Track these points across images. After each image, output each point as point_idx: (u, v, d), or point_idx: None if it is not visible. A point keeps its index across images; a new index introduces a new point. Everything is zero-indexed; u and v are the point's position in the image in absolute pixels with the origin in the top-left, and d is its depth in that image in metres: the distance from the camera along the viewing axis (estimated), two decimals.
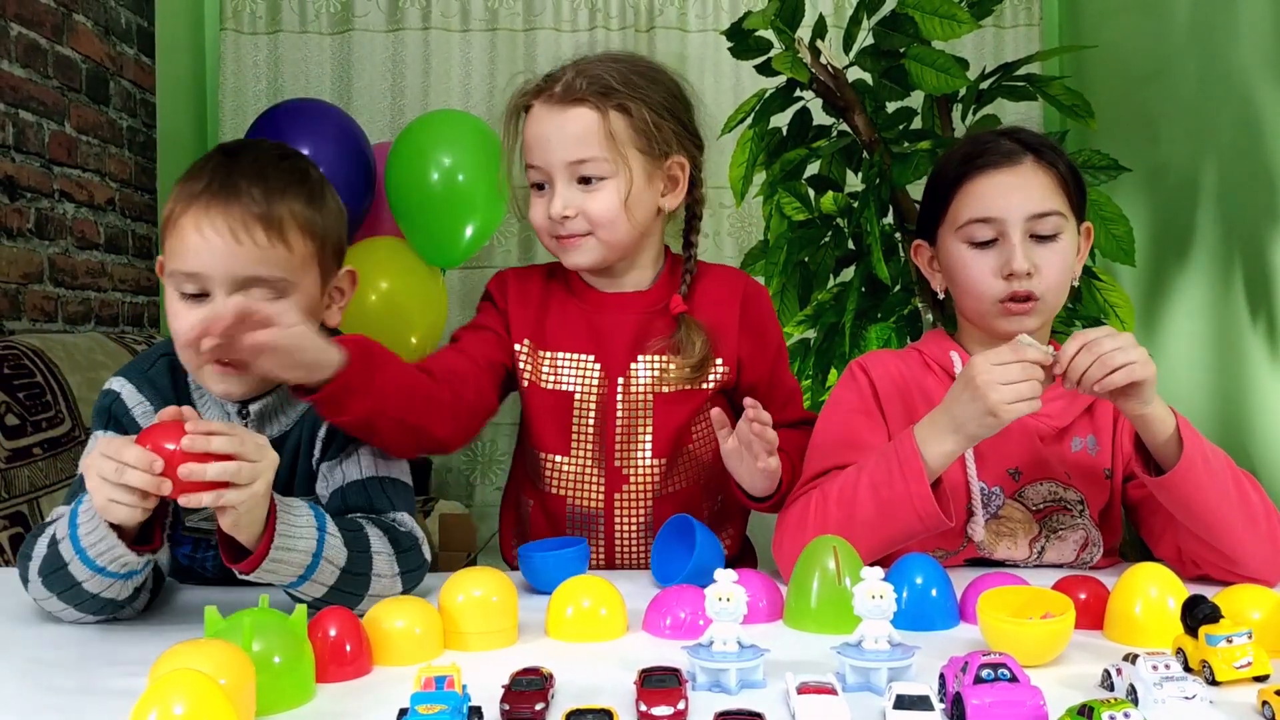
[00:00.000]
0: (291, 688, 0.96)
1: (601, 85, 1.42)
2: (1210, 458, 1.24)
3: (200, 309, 1.23)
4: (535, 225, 1.48)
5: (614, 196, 1.42)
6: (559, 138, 1.42)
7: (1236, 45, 2.33)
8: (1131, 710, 0.82)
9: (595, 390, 1.50)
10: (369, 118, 3.17)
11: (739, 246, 3.25)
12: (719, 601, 0.99)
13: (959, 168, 1.38)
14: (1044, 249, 1.34)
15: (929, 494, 1.23)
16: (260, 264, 1.24)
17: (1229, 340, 2.37)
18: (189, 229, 1.23)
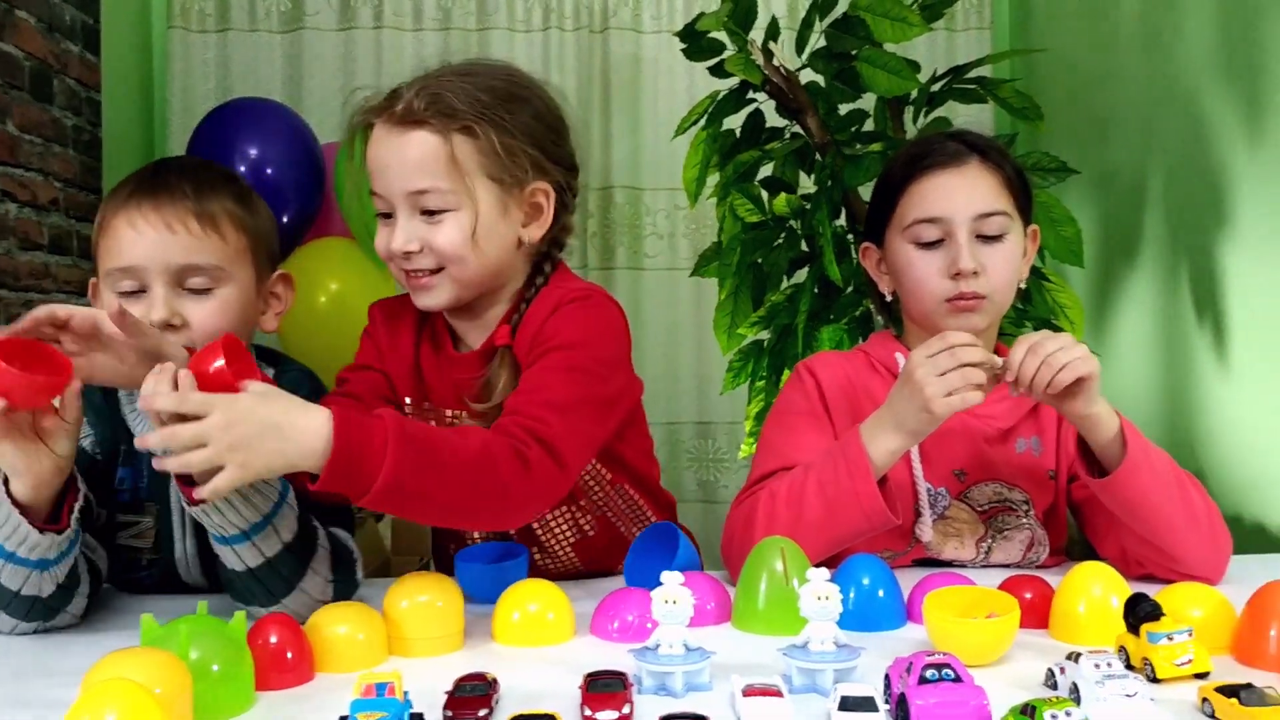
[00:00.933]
0: (230, 696, 0.94)
1: (444, 106, 1.26)
2: (1153, 459, 1.26)
3: (140, 304, 1.24)
4: (382, 257, 1.33)
5: (459, 229, 1.27)
6: (398, 164, 1.26)
7: (1183, 50, 2.36)
8: (1073, 709, 0.82)
9: None
10: (320, 117, 3.12)
11: (693, 248, 3.25)
12: (665, 604, 0.98)
13: (905, 169, 1.39)
14: (990, 249, 1.35)
15: (876, 492, 1.24)
16: (196, 252, 1.25)
17: (1176, 341, 2.41)
18: (121, 226, 1.24)
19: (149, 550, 1.33)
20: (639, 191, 3.29)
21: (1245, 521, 2.14)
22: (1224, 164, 2.20)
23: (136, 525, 1.32)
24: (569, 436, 1.20)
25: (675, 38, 2.43)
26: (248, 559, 1.14)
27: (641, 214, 3.30)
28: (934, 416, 1.22)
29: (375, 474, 1.06)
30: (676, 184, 2.62)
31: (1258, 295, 2.13)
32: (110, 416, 1.33)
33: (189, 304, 1.26)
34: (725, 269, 2.32)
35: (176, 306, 1.25)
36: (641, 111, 3.28)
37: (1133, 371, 2.58)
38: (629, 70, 3.28)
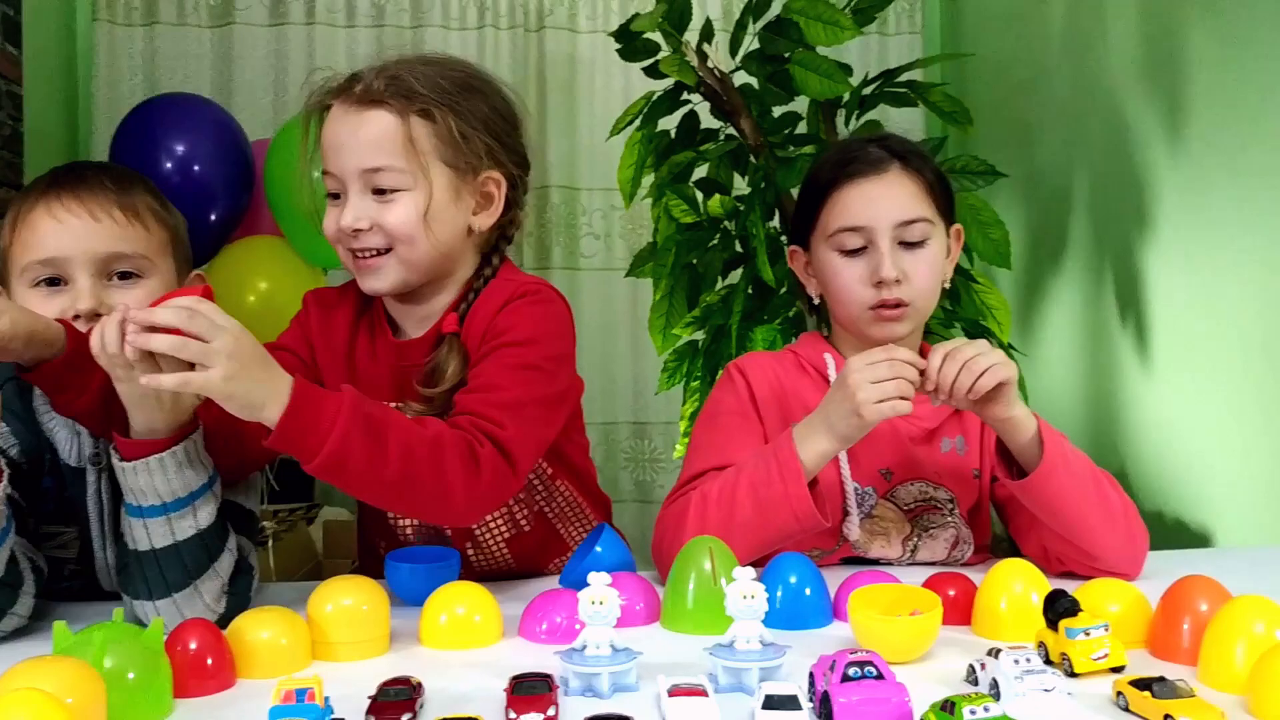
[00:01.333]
0: (146, 704, 0.92)
1: (404, 88, 1.27)
2: (1071, 459, 1.28)
3: (60, 297, 1.22)
4: (329, 238, 1.32)
5: (411, 209, 1.27)
6: (353, 143, 1.26)
7: (1107, 57, 2.42)
8: (991, 704, 0.83)
9: None
10: (249, 114, 3.08)
11: (629, 248, 3.25)
12: (592, 605, 0.98)
13: (829, 175, 1.40)
14: (912, 255, 1.37)
15: (806, 494, 1.25)
16: (121, 241, 1.23)
17: (1100, 341, 2.46)
18: (42, 217, 1.21)
19: (72, 561, 1.29)
20: (575, 191, 3.29)
21: (1166, 517, 2.19)
22: (1146, 168, 2.26)
23: (60, 535, 1.28)
24: (522, 439, 1.21)
25: (611, 38, 2.43)
26: (155, 537, 1.11)
27: (578, 214, 3.29)
28: (864, 422, 1.24)
29: (323, 442, 1.08)
30: (613, 184, 2.62)
31: (1178, 297, 2.18)
32: (32, 425, 1.29)
33: (115, 295, 1.23)
34: (660, 269, 2.33)
35: (103, 297, 1.22)
36: (578, 111, 3.28)
37: (1058, 371, 2.63)
38: (565, 69, 3.28)
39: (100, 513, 1.27)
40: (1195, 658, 1.00)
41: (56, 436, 1.27)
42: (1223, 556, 1.70)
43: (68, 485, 1.27)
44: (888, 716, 0.86)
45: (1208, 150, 2.07)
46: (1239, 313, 1.98)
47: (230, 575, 1.17)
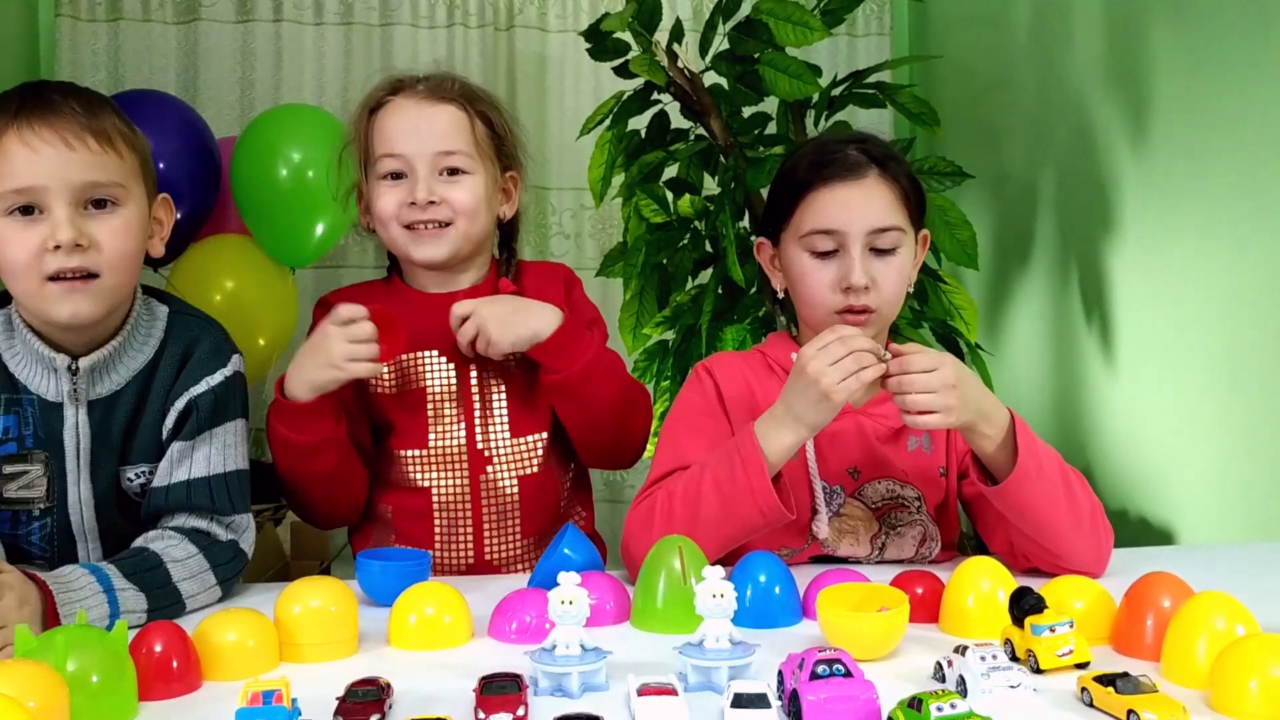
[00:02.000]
0: (110, 708, 0.92)
1: (468, 91, 1.52)
2: (1043, 463, 1.29)
3: (38, 226, 1.21)
4: (384, 215, 1.49)
5: (477, 188, 1.49)
6: (428, 130, 1.48)
7: (1072, 58, 2.44)
8: (958, 700, 0.84)
9: (446, 383, 1.53)
10: (215, 111, 3.05)
11: (599, 248, 3.25)
12: (562, 605, 0.98)
13: (805, 175, 1.40)
14: (882, 262, 1.37)
15: (769, 487, 1.25)
16: (96, 169, 1.23)
17: (1066, 341, 2.49)
18: (14, 146, 1.20)
19: (40, 499, 1.30)
20: (545, 191, 3.28)
21: (1130, 515, 2.22)
22: (1111, 169, 2.28)
23: (25, 475, 1.29)
24: None
25: (580, 37, 2.43)
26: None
27: (548, 213, 3.28)
28: (833, 405, 1.24)
29: (581, 356, 1.47)
30: (583, 184, 2.61)
31: (1142, 296, 2.21)
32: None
33: (93, 224, 1.24)
34: (630, 269, 2.33)
35: (82, 227, 1.22)
36: (547, 110, 3.27)
37: (1024, 370, 2.66)
38: (534, 69, 3.27)
39: (77, 447, 1.29)
40: (1158, 653, 1.02)
41: (28, 374, 1.29)
42: (1185, 554, 1.72)
43: (30, 422, 1.28)
44: (856, 714, 0.87)
45: (1171, 151, 2.09)
46: (1202, 312, 2.01)
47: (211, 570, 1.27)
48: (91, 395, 1.29)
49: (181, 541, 1.26)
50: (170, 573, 1.22)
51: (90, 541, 1.33)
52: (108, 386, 1.30)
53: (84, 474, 1.30)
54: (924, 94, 2.56)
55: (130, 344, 1.32)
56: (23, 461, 1.29)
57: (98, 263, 1.23)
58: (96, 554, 1.32)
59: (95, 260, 1.23)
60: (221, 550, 1.29)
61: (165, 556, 1.23)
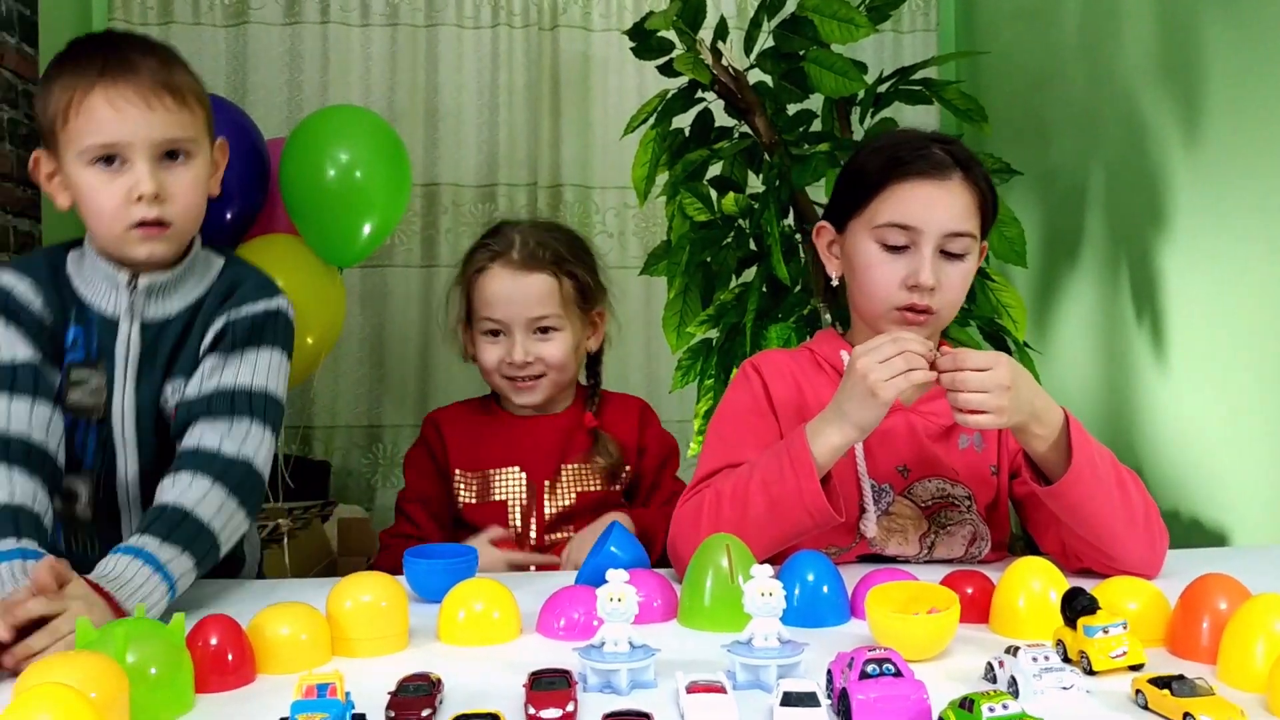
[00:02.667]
0: (168, 699, 0.93)
1: (555, 254, 1.70)
2: (1097, 463, 1.27)
3: (121, 178, 1.33)
4: (486, 366, 1.71)
5: (565, 346, 1.70)
6: (522, 297, 1.67)
7: (1122, 52, 2.41)
8: (1010, 701, 0.83)
9: (524, 497, 1.71)
10: (264, 112, 3.09)
11: (643, 246, 3.25)
12: (610, 602, 0.98)
13: (888, 166, 1.38)
14: (950, 266, 1.36)
15: (819, 490, 1.24)
16: (174, 126, 1.34)
17: (1116, 339, 2.45)
18: (100, 105, 1.31)
19: (98, 409, 1.39)
20: (588, 190, 3.29)
21: (1181, 516, 2.19)
22: (1162, 165, 2.25)
23: (87, 383, 1.39)
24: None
25: (624, 36, 2.43)
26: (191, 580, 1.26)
27: (591, 212, 3.29)
28: (879, 402, 1.23)
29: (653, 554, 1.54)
30: (626, 182, 2.61)
31: (1195, 294, 2.18)
32: (57, 282, 1.41)
33: (169, 176, 1.35)
34: (674, 268, 2.33)
35: (162, 179, 1.34)
36: (591, 110, 3.28)
37: (1073, 369, 2.62)
38: (578, 68, 3.28)
39: (126, 358, 1.39)
40: (1214, 656, 1.00)
41: (93, 292, 1.41)
42: (1240, 555, 1.70)
43: (95, 336, 1.40)
44: (906, 714, 0.87)
45: (1224, 147, 2.06)
46: (1255, 311, 1.97)
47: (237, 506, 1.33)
48: (145, 316, 1.40)
49: (193, 479, 1.29)
50: (199, 517, 1.26)
51: (129, 451, 1.41)
52: (161, 311, 1.41)
53: (129, 386, 1.40)
54: (971, 90, 2.54)
55: (186, 277, 1.43)
56: (89, 368, 1.40)
57: (172, 213, 1.36)
58: (134, 466, 1.41)
59: (170, 211, 1.36)
60: (233, 471, 1.32)
61: (186, 503, 1.27)
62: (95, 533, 1.43)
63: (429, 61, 3.23)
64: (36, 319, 1.38)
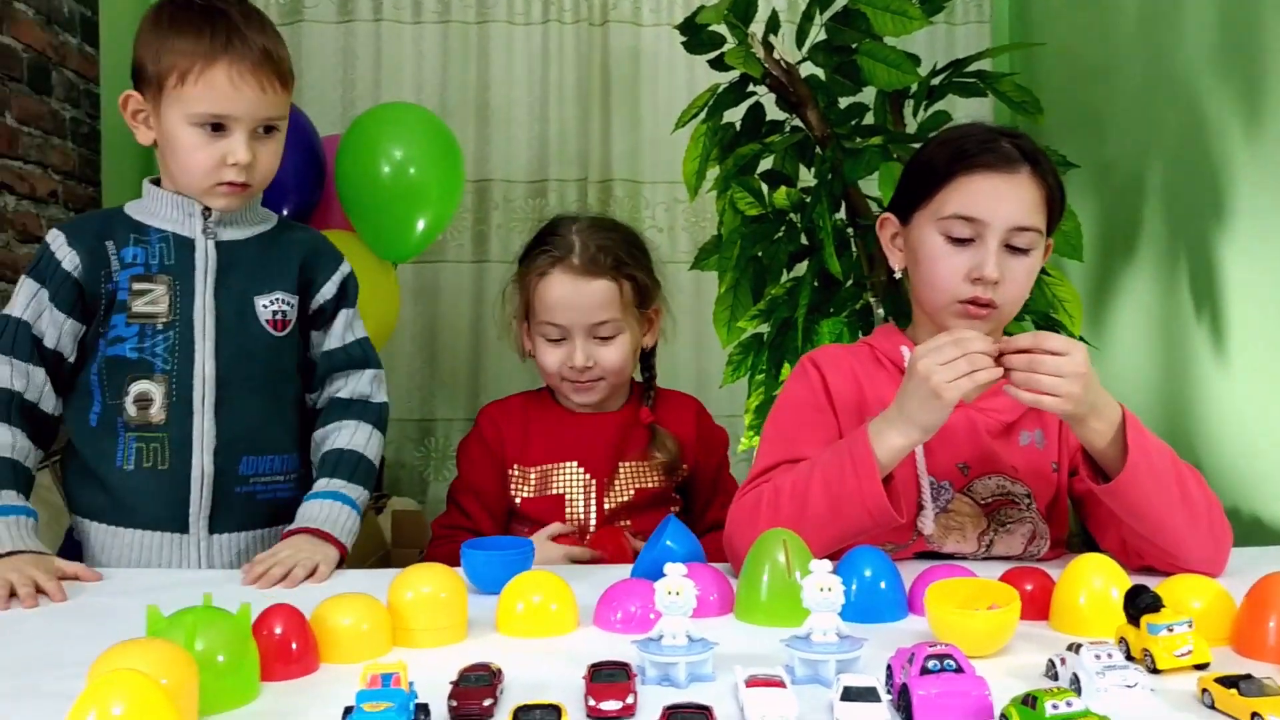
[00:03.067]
0: (235, 687, 0.95)
1: (615, 259, 1.70)
2: (1154, 461, 1.26)
3: (218, 142, 1.48)
4: (546, 369, 1.74)
5: (624, 349, 1.72)
6: (583, 304, 1.68)
7: (1182, 43, 2.37)
8: (1074, 699, 0.83)
9: (582, 491, 1.72)
10: (319, 109, 3.12)
11: (693, 241, 3.25)
12: (668, 595, 0.99)
13: (956, 158, 1.37)
14: (1014, 260, 1.35)
15: (881, 491, 1.24)
16: (275, 107, 1.51)
17: (1174, 335, 2.41)
18: (221, 79, 1.45)
19: (163, 314, 1.52)
20: (639, 185, 3.29)
21: (1243, 514, 2.15)
22: (1223, 157, 2.21)
23: (150, 292, 1.52)
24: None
25: (675, 30, 2.43)
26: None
27: (641, 207, 3.30)
28: (944, 403, 1.22)
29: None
30: (676, 177, 2.61)
31: (1256, 289, 2.13)
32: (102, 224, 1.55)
33: (259, 146, 1.51)
34: (725, 262, 2.32)
35: (254, 149, 1.50)
36: (641, 105, 3.28)
37: (1130, 365, 2.59)
38: (628, 63, 3.28)
39: (205, 268, 1.54)
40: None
41: (164, 218, 1.55)
42: None
43: (156, 253, 1.53)
44: (967, 710, 0.86)
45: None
46: None
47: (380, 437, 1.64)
48: (219, 237, 1.55)
49: (358, 426, 1.60)
50: (369, 458, 1.59)
51: (207, 348, 1.53)
52: (232, 234, 1.57)
53: (209, 292, 1.54)
54: (1025, 82, 2.50)
55: (250, 212, 1.59)
56: (148, 281, 1.52)
57: (254, 177, 1.52)
58: (211, 364, 1.53)
59: (253, 175, 1.52)
60: (383, 414, 1.64)
61: (358, 447, 1.58)
62: (167, 439, 1.51)
63: (480, 58, 3.25)
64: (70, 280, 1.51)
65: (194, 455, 1.51)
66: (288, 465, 1.60)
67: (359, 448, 1.58)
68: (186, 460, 1.50)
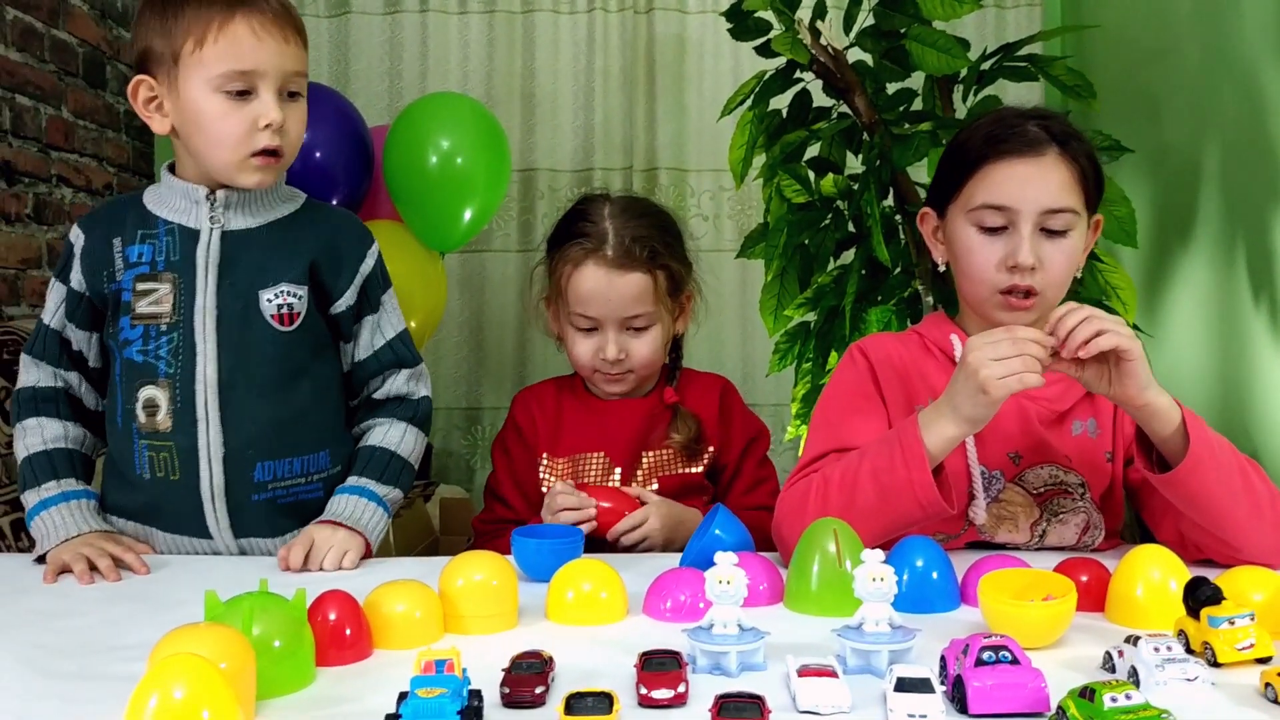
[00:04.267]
0: (292, 671, 0.96)
1: (649, 249, 1.66)
2: (1216, 451, 1.23)
3: (247, 107, 1.41)
4: (578, 360, 1.70)
5: (656, 340, 1.69)
6: (617, 297, 1.64)
7: (1240, 25, 2.31)
8: (1133, 692, 0.81)
9: (605, 480, 1.68)
10: (366, 100, 3.15)
11: (739, 229, 3.23)
12: (719, 584, 0.99)
13: (981, 147, 1.36)
14: (1051, 244, 1.33)
15: (930, 481, 1.23)
16: (298, 61, 1.44)
17: (1231, 322, 2.37)
18: (243, 32, 1.39)
19: (167, 315, 1.45)
20: (684, 173, 3.28)
21: None
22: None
23: (154, 292, 1.46)
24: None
25: (721, 18, 2.41)
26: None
27: (686, 195, 3.29)
28: (991, 399, 1.21)
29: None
30: (721, 165, 2.60)
31: None
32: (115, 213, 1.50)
33: (288, 110, 1.44)
34: (772, 250, 2.31)
35: (286, 112, 1.43)
36: (686, 93, 3.27)
37: (1186, 353, 2.54)
38: (674, 51, 3.27)
39: (206, 262, 1.45)
40: None
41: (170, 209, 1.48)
42: None
43: (163, 250, 1.47)
44: (1023, 701, 0.85)
45: None
46: None
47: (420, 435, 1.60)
48: (227, 226, 1.47)
49: (390, 424, 1.56)
50: (402, 456, 1.54)
51: (207, 354, 1.45)
52: (242, 222, 1.48)
53: (210, 288, 1.45)
54: (1078, 65, 2.46)
55: (266, 195, 1.50)
56: (153, 280, 1.46)
57: (286, 145, 1.45)
58: (213, 368, 1.45)
59: (285, 142, 1.45)
60: (420, 409, 1.59)
61: (390, 445, 1.54)
62: (175, 448, 1.45)
63: (525, 47, 3.26)
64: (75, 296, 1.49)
65: (202, 466, 1.44)
66: (313, 466, 1.51)
67: (391, 445, 1.54)
68: (195, 471, 1.44)
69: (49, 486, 1.45)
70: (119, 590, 1.30)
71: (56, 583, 1.32)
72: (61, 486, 1.45)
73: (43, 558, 1.39)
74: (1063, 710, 0.83)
